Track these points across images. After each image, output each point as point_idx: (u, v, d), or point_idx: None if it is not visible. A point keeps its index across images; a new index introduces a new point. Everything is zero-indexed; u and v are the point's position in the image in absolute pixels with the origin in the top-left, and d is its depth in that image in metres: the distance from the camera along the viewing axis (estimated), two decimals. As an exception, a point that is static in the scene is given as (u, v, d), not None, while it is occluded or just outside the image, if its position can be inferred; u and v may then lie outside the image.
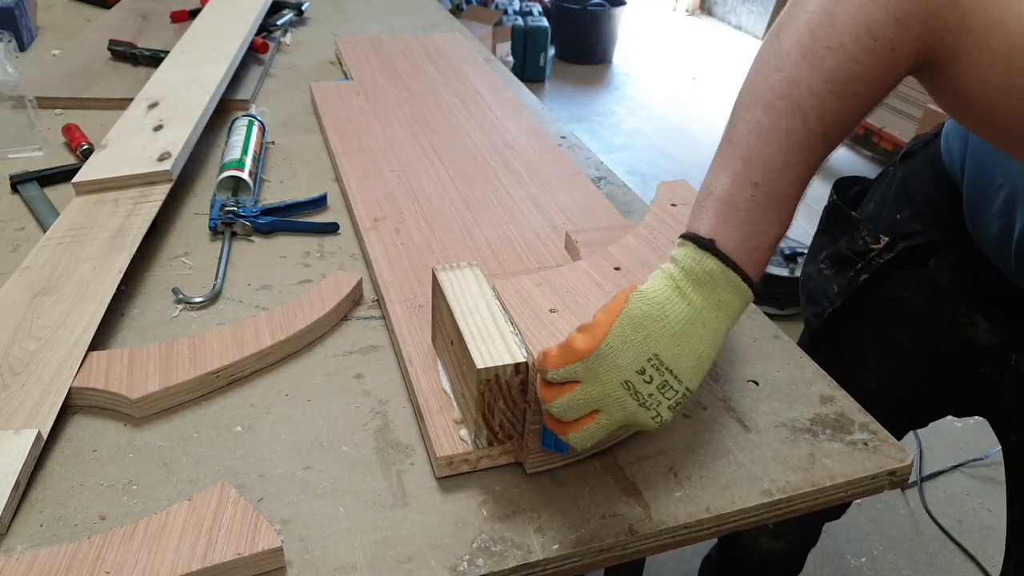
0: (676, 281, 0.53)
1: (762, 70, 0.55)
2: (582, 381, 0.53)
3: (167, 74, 1.24)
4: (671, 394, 0.52)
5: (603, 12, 4.39)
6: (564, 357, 0.53)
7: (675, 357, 0.52)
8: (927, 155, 0.91)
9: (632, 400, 0.52)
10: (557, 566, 0.59)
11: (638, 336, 0.52)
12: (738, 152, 0.54)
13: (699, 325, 0.52)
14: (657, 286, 0.53)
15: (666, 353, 0.52)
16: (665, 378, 0.52)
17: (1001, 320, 0.85)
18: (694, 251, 0.53)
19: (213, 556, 0.55)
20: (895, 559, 1.71)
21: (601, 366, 0.52)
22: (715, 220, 0.53)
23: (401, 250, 0.89)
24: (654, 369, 0.52)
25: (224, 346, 0.73)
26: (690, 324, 0.52)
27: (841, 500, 0.67)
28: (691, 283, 0.53)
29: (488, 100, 1.29)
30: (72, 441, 0.66)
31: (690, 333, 0.52)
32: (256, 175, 1.05)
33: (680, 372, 0.52)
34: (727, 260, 0.52)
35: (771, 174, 0.53)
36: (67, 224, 0.90)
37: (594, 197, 1.02)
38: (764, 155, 0.53)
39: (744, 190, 0.53)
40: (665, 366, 0.52)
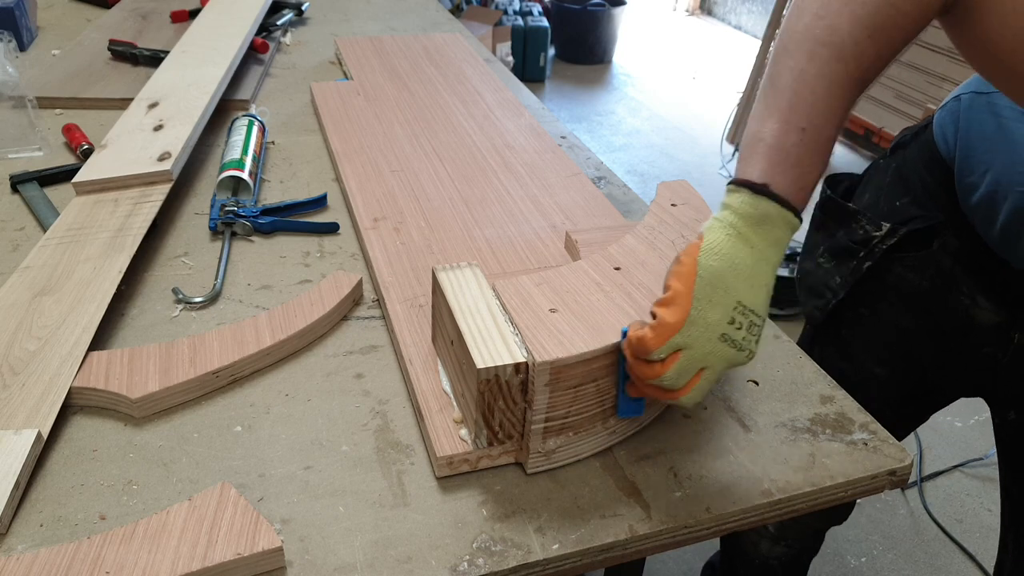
0: (736, 228, 0.56)
1: (804, 18, 0.57)
2: (684, 348, 0.56)
3: (167, 74, 1.24)
4: (755, 330, 0.57)
5: (603, 12, 4.39)
6: (661, 335, 0.55)
7: (753, 297, 0.56)
8: (920, 143, 0.93)
9: (730, 348, 0.56)
10: (557, 566, 0.59)
11: (718, 292, 0.55)
12: (784, 98, 0.57)
13: (763, 263, 0.56)
14: (720, 238, 0.56)
15: (746, 297, 0.56)
16: (750, 319, 0.56)
17: (1002, 299, 0.87)
18: (750, 196, 0.56)
19: (213, 556, 0.55)
20: (895, 559, 1.71)
21: (697, 330, 0.55)
22: (766, 165, 0.56)
23: (401, 250, 0.89)
24: (740, 315, 0.56)
25: (224, 346, 0.73)
26: (757, 264, 0.56)
27: (841, 500, 0.67)
28: (750, 226, 0.56)
29: (488, 100, 1.29)
30: (72, 441, 0.66)
31: (759, 272, 0.56)
32: (256, 175, 1.05)
33: (758, 308, 0.56)
34: (782, 200, 0.56)
35: (817, 119, 0.56)
36: (67, 224, 0.90)
37: (594, 197, 1.02)
38: (809, 101, 0.56)
39: (792, 135, 0.56)
40: (748, 308, 0.56)
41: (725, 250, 0.55)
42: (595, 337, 0.61)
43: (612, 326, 0.62)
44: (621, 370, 0.63)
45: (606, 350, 0.60)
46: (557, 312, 0.64)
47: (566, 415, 0.62)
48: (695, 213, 0.79)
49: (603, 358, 0.61)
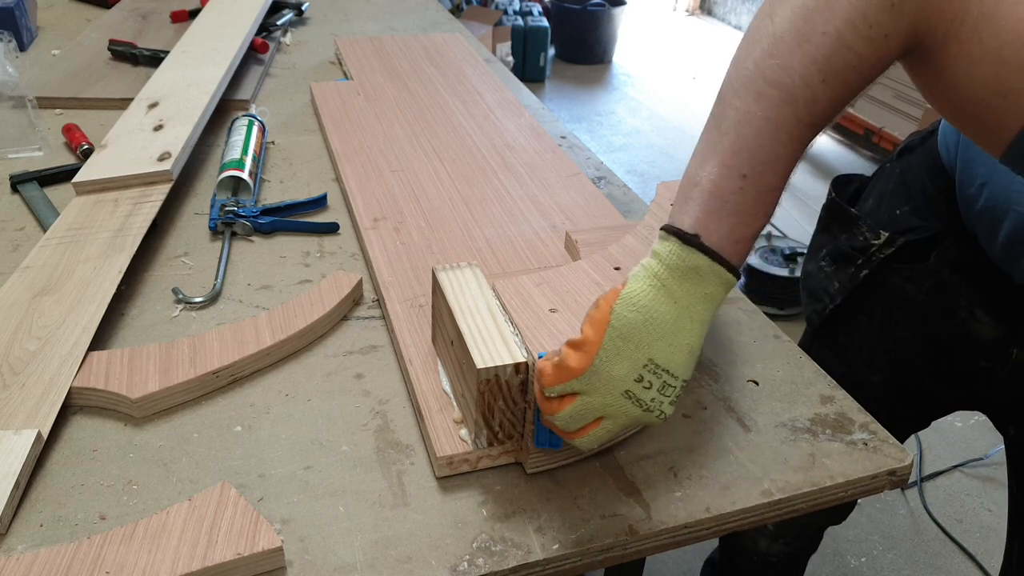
0: (660, 279, 0.52)
1: (754, 54, 0.53)
2: (582, 393, 0.53)
3: (167, 74, 1.24)
4: (670, 391, 0.53)
5: (603, 12, 4.39)
6: (558, 376, 0.53)
7: (669, 356, 0.52)
8: (924, 151, 0.92)
9: (635, 407, 0.53)
10: (557, 566, 0.59)
11: (630, 345, 0.51)
12: (726, 141, 0.52)
13: (687, 320, 0.52)
14: (641, 288, 0.52)
15: (660, 355, 0.52)
16: (664, 379, 0.52)
17: (1001, 313, 0.85)
18: (679, 247, 0.52)
19: (213, 556, 0.55)
20: (895, 559, 1.71)
21: (599, 380, 0.52)
22: (700, 213, 0.52)
23: (401, 250, 0.89)
24: (651, 374, 0.52)
25: (224, 346, 0.74)
26: (678, 321, 0.52)
27: (841, 500, 0.67)
28: (676, 279, 0.52)
29: (488, 100, 1.29)
30: (72, 441, 0.66)
31: (680, 330, 0.52)
32: (256, 175, 1.05)
33: (676, 369, 0.52)
34: (713, 254, 0.51)
35: (760, 166, 0.52)
36: (67, 224, 0.90)
37: (594, 197, 1.02)
38: (753, 146, 0.52)
39: (732, 182, 0.52)
40: (661, 368, 0.52)
41: (644, 302, 0.51)
42: (595, 337, 0.61)
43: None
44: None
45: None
46: (557, 312, 0.64)
47: (566, 415, 0.62)
48: (695, 213, 0.79)
49: (603, 358, 0.61)
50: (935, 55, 0.50)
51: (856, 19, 0.49)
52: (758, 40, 0.53)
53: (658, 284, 0.52)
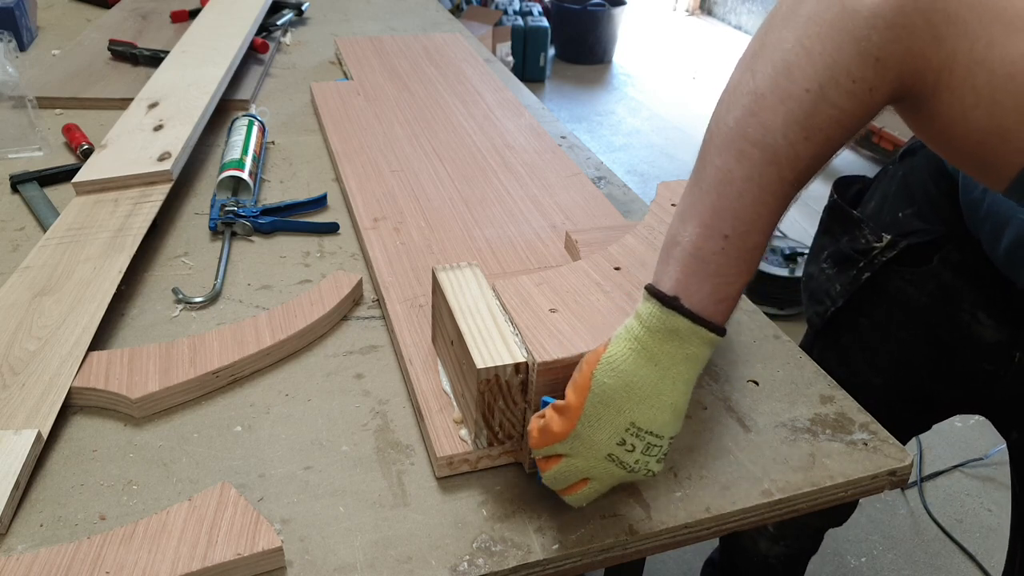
0: (641, 343, 0.52)
1: (734, 111, 0.52)
2: (566, 456, 0.54)
3: (167, 74, 1.24)
4: (656, 451, 0.53)
5: (603, 12, 4.39)
6: (543, 439, 0.54)
7: (651, 418, 0.52)
8: (927, 153, 0.91)
9: (619, 469, 0.54)
10: (557, 566, 0.59)
11: (610, 411, 0.52)
12: (708, 201, 0.52)
13: (669, 382, 0.52)
14: (621, 352, 0.52)
15: (642, 418, 0.52)
16: (647, 441, 0.52)
17: (1004, 317, 0.85)
18: (659, 309, 0.51)
19: (213, 556, 0.55)
20: (895, 559, 1.71)
21: (581, 445, 0.53)
22: (681, 274, 0.52)
23: (401, 250, 0.89)
24: (634, 437, 0.52)
25: (224, 346, 0.73)
26: (660, 384, 0.52)
27: (841, 500, 0.67)
28: (657, 341, 0.51)
29: (488, 100, 1.29)
30: (72, 441, 0.66)
31: (662, 392, 0.52)
32: (256, 175, 1.05)
33: (659, 429, 0.52)
34: (694, 316, 0.51)
35: (742, 226, 0.51)
36: (67, 224, 0.90)
37: (594, 197, 1.02)
38: (735, 207, 0.51)
39: (713, 242, 0.51)
40: (644, 430, 0.52)
41: (624, 367, 0.51)
42: (595, 337, 0.61)
43: (612, 326, 0.62)
44: None
45: (606, 350, 0.60)
46: (557, 312, 0.64)
47: (566, 415, 0.62)
48: (695, 213, 0.79)
49: (603, 358, 0.61)
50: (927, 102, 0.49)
51: (839, 75, 0.48)
52: (739, 96, 0.51)
53: (638, 347, 0.52)
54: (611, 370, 0.52)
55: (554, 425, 0.53)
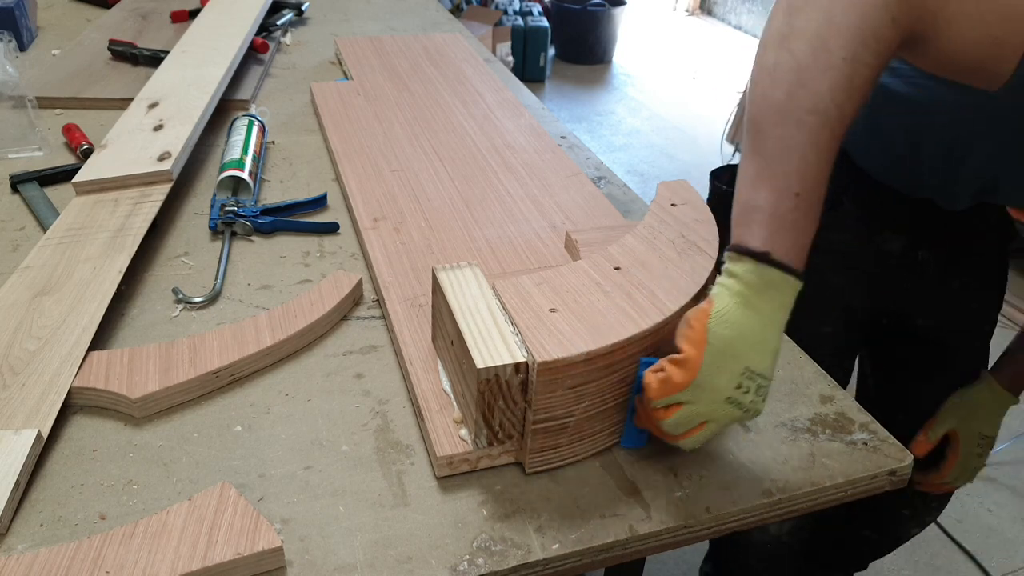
0: (744, 296, 0.58)
1: (780, 86, 0.59)
2: (687, 403, 0.59)
3: (167, 74, 1.24)
4: (763, 391, 0.59)
5: (603, 12, 4.39)
6: (664, 390, 0.59)
7: (761, 362, 0.58)
8: None
9: (736, 410, 0.59)
10: (557, 566, 0.59)
11: (728, 359, 0.57)
12: (776, 167, 0.59)
13: (771, 328, 0.59)
14: (729, 306, 0.58)
15: (755, 362, 0.58)
16: (758, 382, 0.58)
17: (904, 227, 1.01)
18: (754, 265, 0.58)
19: (213, 556, 0.55)
20: (895, 559, 1.71)
21: (703, 392, 0.58)
22: (766, 233, 0.58)
23: (401, 250, 0.89)
24: (748, 380, 0.58)
25: (224, 346, 0.73)
26: (765, 330, 0.58)
27: (841, 500, 0.67)
28: (756, 294, 0.58)
29: (488, 100, 1.29)
30: (72, 441, 0.66)
31: (767, 337, 0.58)
32: (256, 175, 1.05)
33: (766, 371, 0.59)
34: (784, 267, 0.58)
35: (809, 183, 0.59)
36: (67, 224, 0.90)
37: (594, 197, 1.02)
38: (801, 168, 0.58)
39: (787, 201, 0.59)
40: (756, 373, 0.58)
41: (734, 318, 0.58)
42: (595, 337, 0.61)
43: (612, 326, 0.62)
44: (631, 400, 0.64)
45: (606, 350, 0.60)
46: (557, 312, 0.64)
47: (566, 415, 0.62)
48: (695, 213, 0.79)
49: (603, 358, 0.61)
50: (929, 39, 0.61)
51: (867, 39, 0.57)
52: (782, 74, 0.59)
53: (742, 300, 0.58)
54: (724, 322, 0.58)
55: (676, 376, 0.58)
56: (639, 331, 0.62)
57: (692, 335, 0.58)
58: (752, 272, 0.58)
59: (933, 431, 1.06)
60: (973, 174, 0.89)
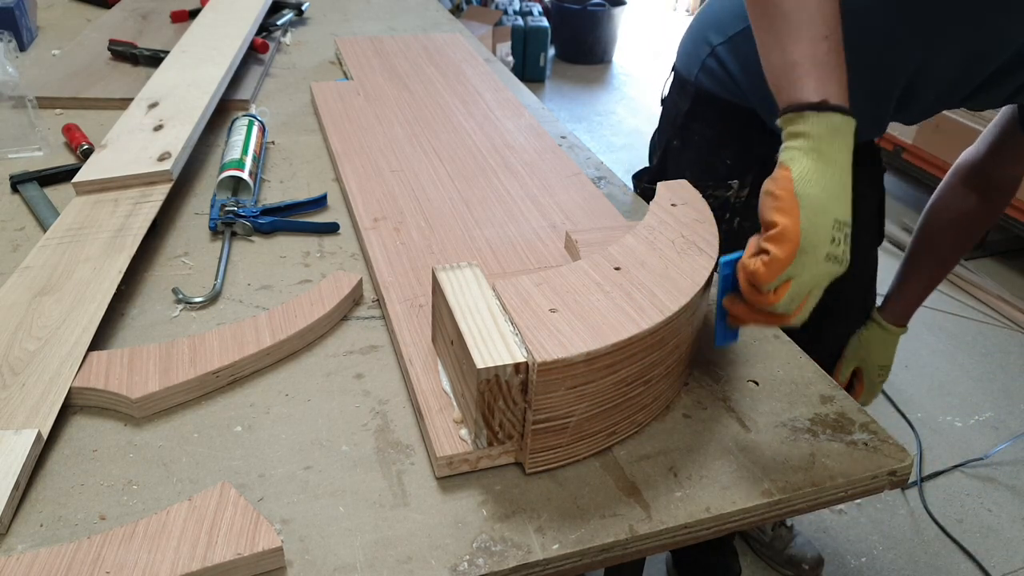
0: (817, 150, 0.59)
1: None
2: (795, 277, 0.59)
3: (167, 74, 1.24)
4: (849, 239, 0.60)
5: (603, 12, 4.39)
6: (774, 270, 0.59)
7: (844, 210, 0.59)
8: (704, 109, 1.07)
9: (835, 265, 0.59)
10: (557, 566, 0.59)
11: (820, 216, 0.58)
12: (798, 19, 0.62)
13: (846, 173, 0.59)
14: (808, 165, 0.59)
15: (840, 212, 0.59)
16: (845, 231, 0.59)
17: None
18: (816, 116, 0.59)
19: (213, 556, 0.55)
20: (895, 559, 1.71)
21: (808, 258, 0.58)
22: (815, 83, 0.60)
23: (401, 250, 0.89)
24: (838, 231, 0.59)
25: (224, 346, 0.73)
26: (842, 176, 0.59)
27: (841, 500, 0.67)
28: (827, 143, 0.59)
29: (488, 100, 1.29)
30: (72, 441, 0.66)
31: (845, 183, 0.59)
32: (256, 175, 1.05)
33: (848, 216, 0.59)
34: (843, 109, 0.59)
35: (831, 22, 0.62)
36: (67, 224, 0.90)
37: (594, 197, 1.02)
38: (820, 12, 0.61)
39: (820, 46, 0.61)
40: (842, 222, 0.59)
41: (816, 176, 0.58)
42: (595, 337, 0.61)
43: (612, 326, 0.62)
44: (719, 302, 0.66)
45: (606, 350, 0.60)
46: (557, 312, 0.64)
47: (566, 415, 0.62)
48: (695, 213, 0.79)
49: (603, 358, 0.61)
50: None
51: None
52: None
53: (816, 155, 0.59)
54: (807, 181, 0.58)
55: (779, 251, 0.58)
56: (639, 331, 0.62)
57: (782, 205, 0.58)
58: (818, 123, 0.59)
59: (842, 373, 1.21)
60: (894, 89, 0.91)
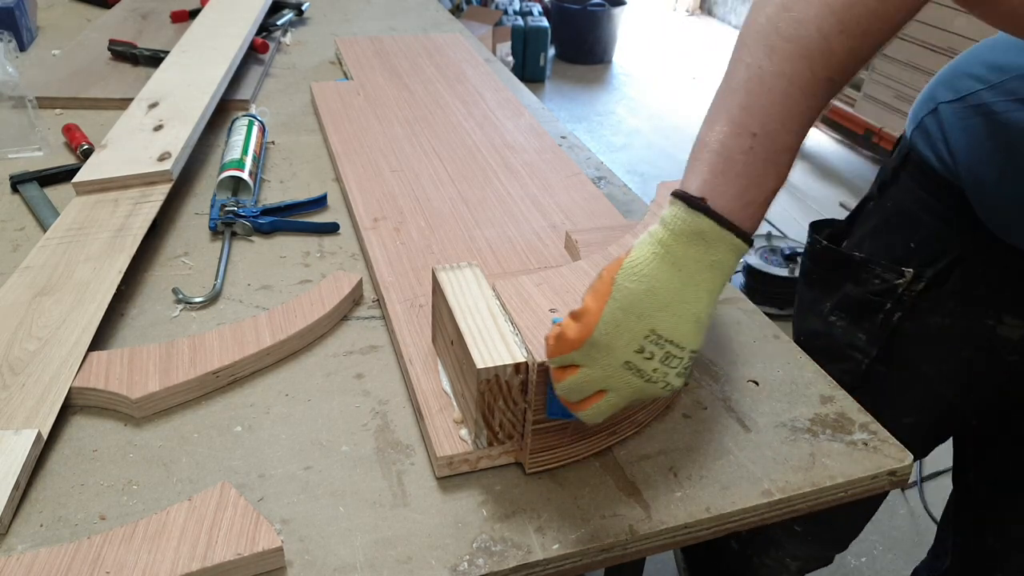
0: (665, 247, 0.50)
1: (767, 8, 0.50)
2: (582, 365, 0.52)
3: (167, 74, 1.24)
4: (676, 362, 0.51)
5: (603, 12, 4.39)
6: (558, 347, 0.52)
7: (673, 327, 0.50)
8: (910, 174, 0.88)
9: (637, 378, 0.51)
10: (557, 566, 0.59)
11: (630, 317, 0.49)
12: (736, 99, 0.50)
13: (693, 289, 0.50)
14: (644, 256, 0.50)
15: (663, 326, 0.49)
16: (667, 350, 0.50)
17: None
18: (684, 211, 0.49)
19: (213, 556, 0.55)
20: (895, 559, 1.71)
21: (598, 352, 0.50)
22: (708, 175, 0.49)
23: (401, 250, 0.89)
24: (653, 345, 0.50)
25: (224, 346, 0.73)
26: (684, 290, 0.49)
27: (841, 500, 0.67)
28: (681, 245, 0.49)
29: (488, 100, 1.29)
30: (72, 441, 0.66)
31: (685, 299, 0.49)
32: (256, 175, 1.05)
33: (681, 339, 0.50)
34: (720, 218, 0.49)
35: (772, 123, 0.49)
36: (67, 224, 0.90)
37: (594, 197, 1.02)
38: (765, 103, 0.49)
39: (741, 141, 0.49)
40: (664, 339, 0.50)
41: (647, 271, 0.49)
42: (595, 337, 0.61)
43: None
44: None
45: (606, 350, 0.60)
46: (557, 312, 0.64)
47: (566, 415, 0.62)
48: (695, 213, 0.79)
49: (603, 358, 0.61)
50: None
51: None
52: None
53: (662, 252, 0.50)
54: (633, 274, 0.49)
55: (570, 331, 0.51)
56: (639, 331, 0.62)
57: (596, 286, 0.51)
58: (681, 219, 0.49)
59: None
60: None
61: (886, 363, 0.92)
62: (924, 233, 0.86)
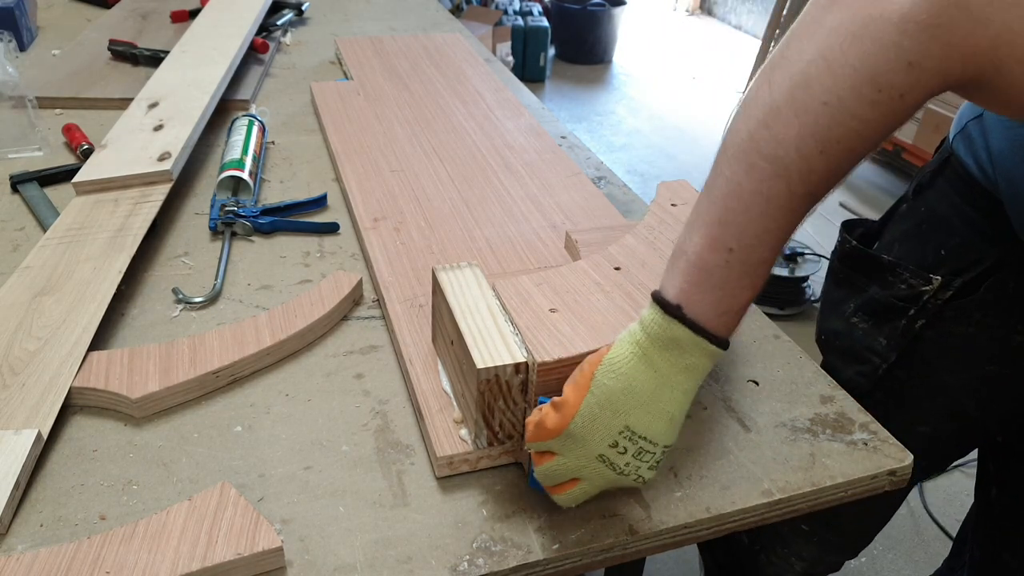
0: (643, 348, 0.52)
1: (749, 122, 0.50)
2: (558, 454, 0.54)
3: (167, 74, 1.24)
4: (648, 457, 0.53)
5: (603, 12, 4.39)
6: (536, 434, 0.55)
7: (647, 425, 0.52)
8: (949, 179, 0.86)
9: (609, 470, 0.54)
10: (557, 566, 0.59)
11: (606, 412, 0.52)
12: (715, 212, 0.51)
13: (667, 389, 0.52)
14: (624, 355, 0.52)
15: (637, 423, 0.52)
16: (640, 445, 0.52)
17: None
18: (661, 317, 0.51)
19: (213, 556, 0.55)
20: (895, 559, 1.71)
21: (573, 443, 0.53)
22: (685, 284, 0.51)
23: (401, 250, 0.89)
24: (627, 440, 0.52)
25: (224, 346, 0.73)
26: (658, 390, 0.52)
27: (841, 500, 0.67)
28: (657, 349, 0.51)
29: (488, 100, 1.29)
30: (72, 441, 0.66)
31: (660, 398, 0.52)
32: (256, 175, 1.05)
33: (654, 436, 0.52)
34: (695, 326, 0.51)
35: (748, 239, 0.50)
36: (67, 224, 0.90)
37: (594, 197, 1.02)
38: (741, 220, 0.50)
39: (718, 255, 0.51)
40: (638, 435, 0.52)
41: (625, 370, 0.51)
42: (595, 337, 0.61)
43: (612, 326, 0.62)
44: None
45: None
46: (557, 312, 0.64)
47: (566, 415, 0.62)
48: (695, 213, 0.79)
49: (603, 358, 0.61)
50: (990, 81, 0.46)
51: (861, 85, 0.45)
52: (755, 108, 0.50)
53: (640, 352, 0.52)
54: (612, 372, 0.52)
55: (549, 421, 0.54)
56: (639, 331, 0.62)
57: (577, 379, 0.53)
58: (657, 324, 0.51)
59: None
60: None
61: (905, 369, 0.91)
62: (956, 241, 0.85)
